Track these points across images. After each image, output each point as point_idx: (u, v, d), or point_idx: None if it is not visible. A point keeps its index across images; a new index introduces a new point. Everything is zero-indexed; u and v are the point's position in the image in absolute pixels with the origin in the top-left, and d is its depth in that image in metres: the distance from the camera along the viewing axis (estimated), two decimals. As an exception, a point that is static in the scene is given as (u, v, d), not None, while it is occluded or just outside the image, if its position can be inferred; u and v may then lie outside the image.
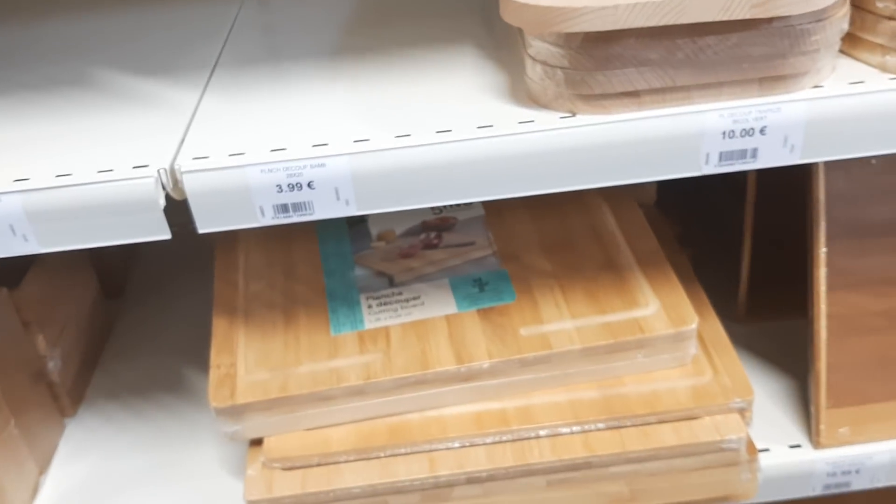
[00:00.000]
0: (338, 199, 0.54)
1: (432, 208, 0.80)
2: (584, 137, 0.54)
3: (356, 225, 0.79)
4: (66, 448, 0.78)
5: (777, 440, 0.71)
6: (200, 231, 0.56)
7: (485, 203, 0.80)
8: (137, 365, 0.85)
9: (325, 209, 0.55)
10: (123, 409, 0.81)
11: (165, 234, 0.55)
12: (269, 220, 0.55)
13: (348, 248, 0.76)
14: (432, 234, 0.77)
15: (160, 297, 0.94)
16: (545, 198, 0.79)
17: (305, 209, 0.55)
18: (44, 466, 0.75)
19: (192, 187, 0.54)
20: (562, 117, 0.54)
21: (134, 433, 0.78)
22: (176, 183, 0.54)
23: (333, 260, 0.75)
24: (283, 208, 0.55)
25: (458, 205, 0.80)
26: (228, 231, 0.80)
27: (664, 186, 0.88)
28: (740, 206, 0.78)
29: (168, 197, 0.54)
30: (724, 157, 0.55)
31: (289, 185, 0.54)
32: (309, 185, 0.54)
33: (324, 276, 0.74)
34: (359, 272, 0.74)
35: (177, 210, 0.55)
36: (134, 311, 0.93)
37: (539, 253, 0.74)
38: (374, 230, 0.78)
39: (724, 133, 0.54)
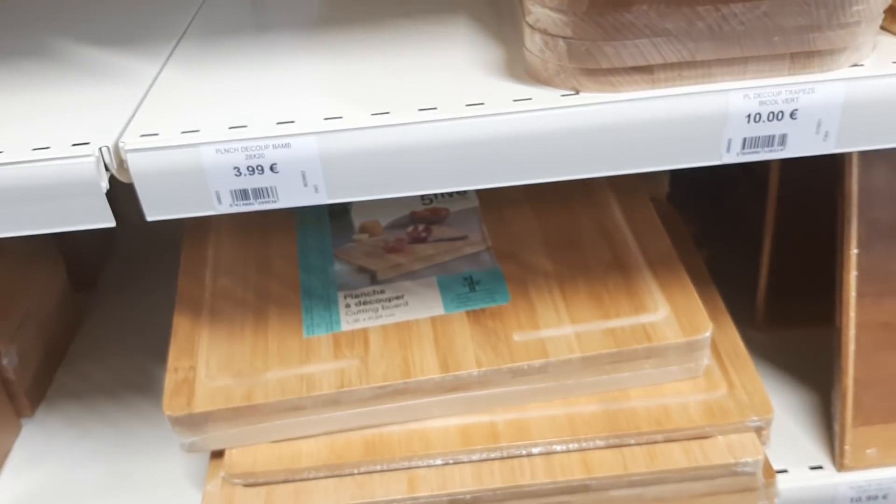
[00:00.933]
0: (305, 184, 0.48)
1: (422, 198, 0.73)
2: (588, 118, 0.47)
3: (339, 216, 0.72)
4: (21, 452, 0.72)
5: (796, 461, 0.65)
6: (149, 219, 0.49)
7: (480, 193, 0.73)
8: (106, 364, 0.80)
9: (290, 196, 0.48)
10: (87, 411, 0.76)
11: (109, 222, 0.48)
12: (227, 207, 0.48)
13: (329, 242, 0.70)
14: (421, 227, 0.70)
15: (135, 292, 0.88)
16: (547, 189, 0.73)
17: (268, 196, 0.48)
18: (-7, 472, 0.69)
19: (139, 168, 0.47)
20: (563, 95, 0.47)
21: (96, 438, 0.73)
22: (121, 163, 0.47)
23: (312, 255, 0.69)
24: (243, 194, 0.48)
25: (450, 195, 0.73)
26: (199, 221, 0.75)
27: (677, 178, 0.81)
28: (761, 202, 0.72)
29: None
30: (748, 143, 0.48)
31: (248, 168, 0.47)
32: (272, 168, 0.47)
33: (300, 272, 0.67)
34: (339, 268, 0.67)
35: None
36: (106, 306, 0.87)
37: (538, 250, 0.67)
38: (358, 221, 0.72)
39: (749, 116, 0.47)
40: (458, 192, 0.73)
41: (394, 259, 0.68)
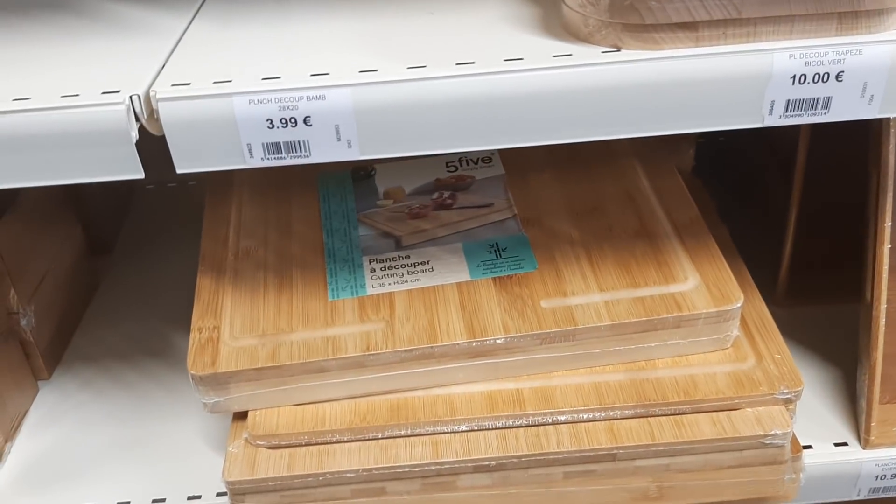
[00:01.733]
0: (338, 139, 0.47)
1: (446, 165, 0.72)
2: (629, 76, 0.46)
3: (362, 181, 0.71)
4: (38, 413, 0.72)
5: (821, 437, 0.64)
6: (179, 171, 0.48)
7: (506, 162, 0.72)
8: (123, 328, 0.79)
9: (323, 151, 0.47)
10: (103, 374, 0.75)
11: (138, 173, 0.47)
12: (259, 161, 0.47)
13: (352, 206, 0.69)
14: (446, 194, 0.69)
15: (153, 256, 0.87)
16: (572, 158, 0.72)
17: (301, 150, 0.47)
18: (10, 433, 0.69)
19: (169, 118, 0.46)
20: (604, 52, 0.46)
21: (113, 401, 0.72)
22: (151, 113, 0.46)
23: (335, 218, 0.68)
24: (275, 148, 0.47)
25: (475, 162, 0.72)
26: (222, 182, 0.74)
27: (702, 152, 0.80)
28: (784, 178, 0.71)
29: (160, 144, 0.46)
30: (791, 106, 0.47)
31: (281, 121, 0.46)
32: (305, 120, 0.46)
33: (323, 236, 0.66)
34: (363, 232, 0.66)
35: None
36: (123, 270, 0.87)
37: (565, 218, 0.66)
38: (382, 187, 0.71)
39: (793, 78, 0.46)
40: (483, 160, 0.72)
41: (418, 225, 0.67)
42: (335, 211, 0.69)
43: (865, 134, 0.60)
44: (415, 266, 0.63)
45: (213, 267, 0.64)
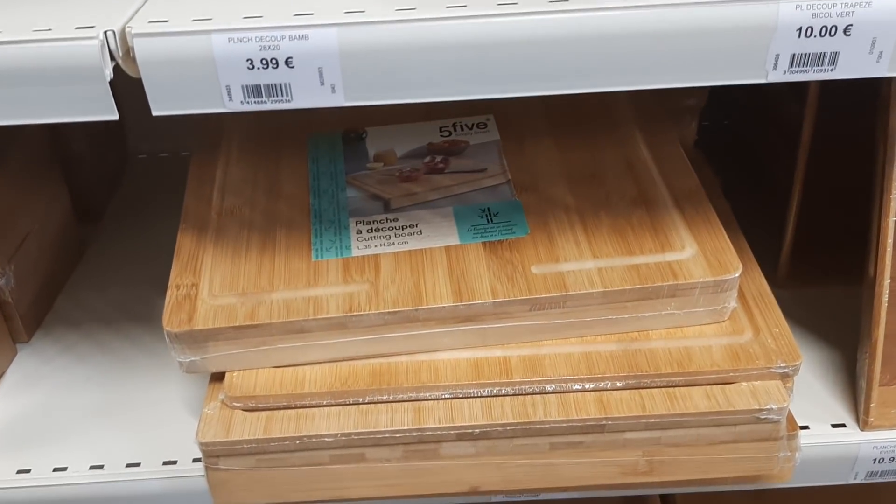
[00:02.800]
0: (322, 82, 0.45)
1: (440, 130, 0.70)
2: (627, 23, 0.44)
3: (353, 143, 0.69)
4: (14, 376, 0.70)
5: (818, 417, 0.63)
6: (154, 113, 0.46)
7: (502, 128, 0.70)
8: (107, 294, 0.78)
9: (305, 95, 0.45)
10: (84, 338, 0.73)
11: (111, 114, 0.45)
12: (238, 104, 0.45)
13: (341, 168, 0.67)
14: (438, 158, 0.67)
15: (142, 225, 0.86)
16: (570, 124, 0.70)
17: (282, 94, 0.45)
18: (-16, 394, 0.67)
19: (145, 56, 0.44)
20: (602, -4, 0.44)
21: (92, 365, 0.70)
22: (127, 51, 0.44)
23: (323, 179, 0.66)
24: (255, 91, 0.45)
25: (470, 127, 0.70)
26: (208, 142, 0.72)
27: (705, 127, 0.78)
28: (788, 156, 0.69)
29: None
30: (796, 61, 0.45)
31: (262, 61, 0.44)
32: (287, 62, 0.44)
33: (310, 197, 0.64)
34: (351, 194, 0.64)
35: (168, 131, 0.46)
36: (111, 237, 0.85)
37: (560, 184, 0.64)
38: (373, 150, 0.69)
39: (799, 30, 0.44)
40: (478, 125, 0.70)
41: (408, 188, 0.65)
42: (323, 172, 0.67)
43: (873, 111, 0.58)
44: (402, 229, 0.61)
45: (194, 225, 0.62)
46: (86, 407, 0.66)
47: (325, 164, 0.67)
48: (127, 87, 0.46)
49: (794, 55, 0.45)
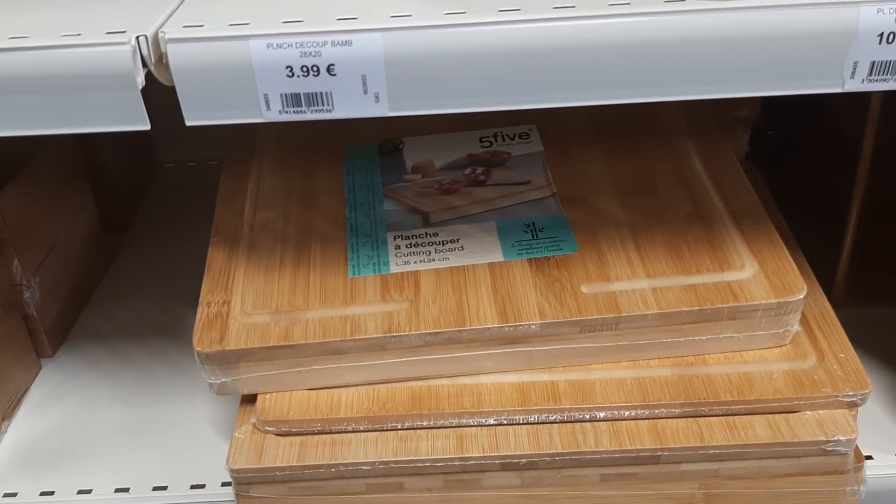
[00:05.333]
0: (365, 91, 0.42)
1: (481, 140, 0.67)
2: (693, 28, 0.40)
3: (390, 154, 0.67)
4: (39, 392, 0.68)
5: (882, 447, 0.59)
6: (188, 123, 0.43)
7: (546, 139, 0.67)
8: (133, 307, 0.76)
9: (347, 105, 0.42)
10: (110, 353, 0.71)
11: (143, 124, 0.43)
12: (276, 114, 0.43)
13: (378, 180, 0.64)
14: (479, 170, 0.64)
15: (169, 235, 0.84)
16: (619, 135, 0.66)
17: (322, 103, 0.42)
18: (8, 411, 0.65)
19: (179, 62, 0.42)
20: (667, 1, 0.41)
21: (119, 381, 0.68)
22: (160, 57, 0.42)
23: (360, 192, 0.63)
24: (295, 100, 0.42)
25: (512, 138, 0.67)
26: (240, 153, 0.69)
27: (757, 139, 0.74)
28: (846, 168, 0.65)
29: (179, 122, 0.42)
30: (876, 69, 0.42)
31: (303, 68, 0.41)
32: (328, 69, 0.41)
33: (346, 209, 0.61)
34: (388, 207, 0.62)
35: (197, 140, 0.43)
36: (138, 248, 0.83)
37: (609, 198, 0.61)
38: (411, 161, 0.66)
39: (881, 36, 0.41)
40: (520, 136, 0.67)
41: (449, 201, 0.62)
42: (360, 185, 0.64)
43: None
44: (443, 244, 0.58)
45: (226, 239, 0.60)
46: (111, 426, 0.64)
47: (362, 175, 0.65)
48: (156, 93, 0.44)
49: (873, 63, 0.42)
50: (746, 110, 0.71)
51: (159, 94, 0.44)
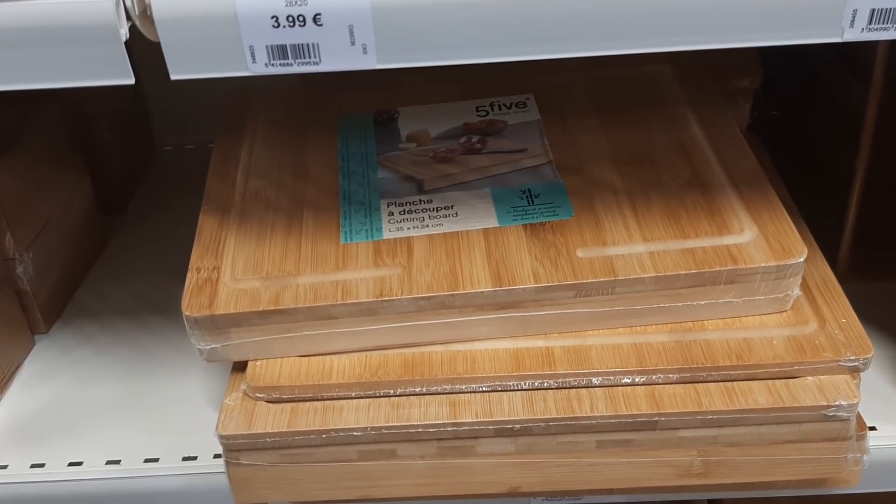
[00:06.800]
0: (352, 42, 0.41)
1: (477, 109, 0.66)
2: (688, -27, 0.40)
3: (384, 124, 0.66)
4: (32, 367, 0.68)
5: (886, 418, 0.58)
6: (173, 77, 0.43)
7: (543, 108, 0.66)
8: (129, 285, 0.75)
9: (334, 56, 0.42)
10: (104, 330, 0.71)
11: (127, 78, 0.42)
12: (262, 67, 0.42)
13: (373, 149, 0.63)
14: (475, 138, 0.63)
15: (166, 217, 0.83)
16: (617, 106, 0.65)
17: (309, 55, 0.42)
18: (1, 386, 0.64)
19: (163, 14, 0.41)
20: (660, -54, 0.40)
21: (112, 357, 0.68)
22: (144, 9, 0.41)
23: (354, 160, 0.62)
24: (281, 51, 0.42)
25: (508, 107, 0.66)
26: (233, 124, 0.69)
27: (759, 109, 0.73)
28: (849, 142, 0.64)
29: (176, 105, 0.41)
30: (875, 17, 0.41)
31: (288, 19, 0.41)
32: (315, 19, 0.41)
33: (339, 178, 0.61)
34: (382, 175, 0.61)
35: (194, 123, 0.43)
36: (134, 229, 0.83)
37: (606, 165, 0.60)
38: (405, 130, 0.65)
39: (881, -20, 0.40)
40: (516, 105, 0.66)
41: (443, 169, 0.61)
42: (353, 154, 0.63)
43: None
44: (437, 210, 0.57)
45: (217, 207, 0.59)
46: (104, 400, 0.64)
47: (356, 145, 0.64)
48: (154, 77, 0.43)
49: (873, 10, 0.41)
50: (748, 80, 0.70)
51: (157, 77, 0.43)
